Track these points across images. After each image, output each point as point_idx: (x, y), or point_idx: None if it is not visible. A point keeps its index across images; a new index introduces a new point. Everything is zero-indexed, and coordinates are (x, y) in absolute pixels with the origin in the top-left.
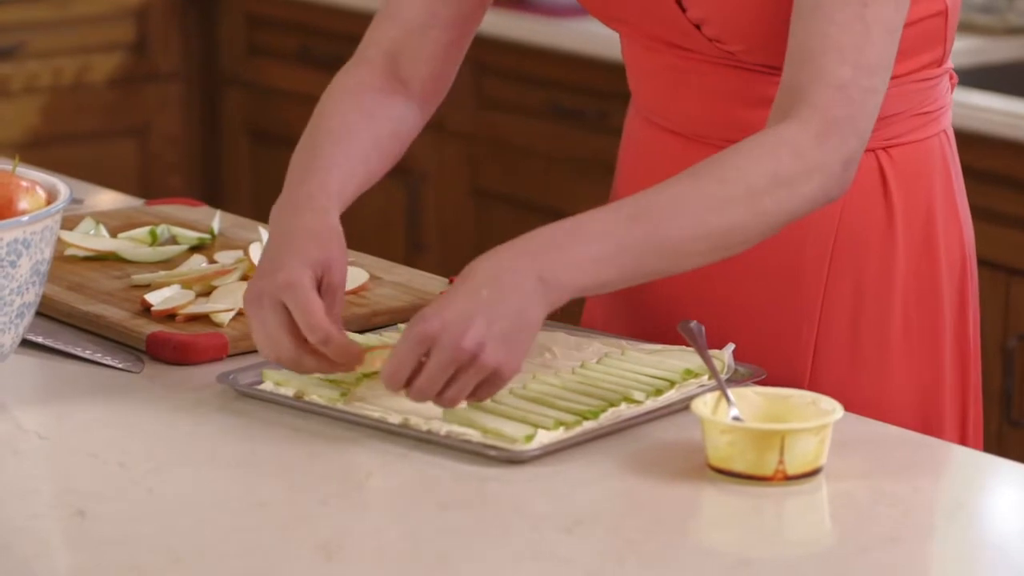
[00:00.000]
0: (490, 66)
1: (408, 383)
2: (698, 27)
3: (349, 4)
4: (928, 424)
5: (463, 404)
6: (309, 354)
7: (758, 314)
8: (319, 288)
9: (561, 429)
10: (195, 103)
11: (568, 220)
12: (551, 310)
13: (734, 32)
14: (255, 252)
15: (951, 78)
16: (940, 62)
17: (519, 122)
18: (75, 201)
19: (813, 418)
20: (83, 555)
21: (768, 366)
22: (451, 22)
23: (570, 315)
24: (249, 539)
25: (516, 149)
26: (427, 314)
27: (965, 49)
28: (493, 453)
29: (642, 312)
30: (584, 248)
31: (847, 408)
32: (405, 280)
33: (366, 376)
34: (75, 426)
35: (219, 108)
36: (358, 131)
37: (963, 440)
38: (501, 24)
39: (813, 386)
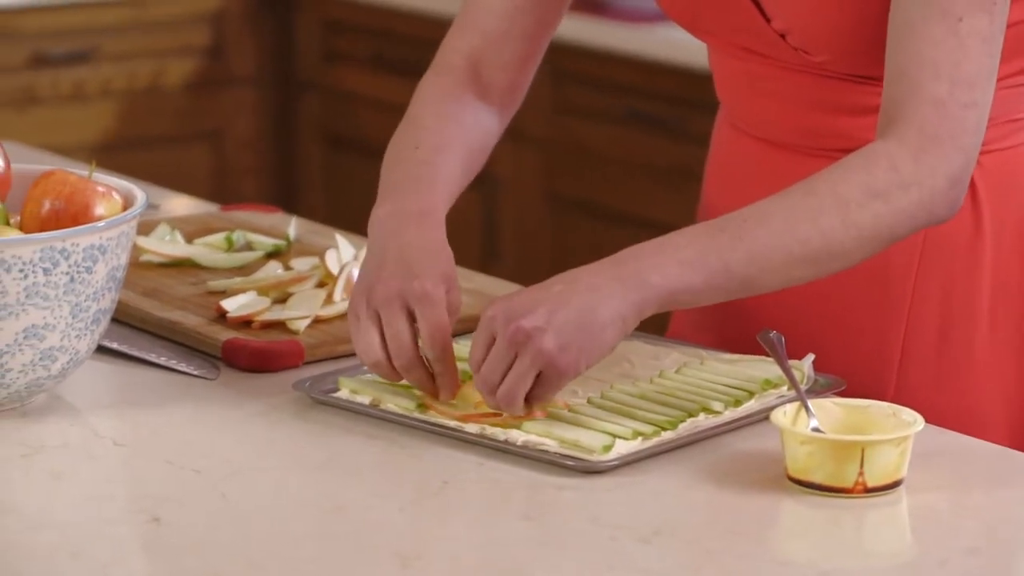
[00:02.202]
0: (568, 72)
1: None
2: (783, 36)
3: (424, 9)
4: (1016, 436)
5: (535, 415)
6: (418, 367)
7: (843, 324)
8: None
9: (639, 439)
10: (270, 108)
11: (653, 240)
12: (632, 314)
13: (818, 42)
14: (331, 259)
15: None
16: None
17: (596, 128)
18: (150, 206)
19: (893, 430)
20: (159, 561)
21: (853, 377)
22: (530, 30)
23: (655, 329)
24: (325, 546)
25: (593, 156)
26: (496, 300)
27: None
28: (570, 463)
29: (726, 323)
30: (669, 254)
31: (933, 419)
32: (480, 287)
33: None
34: (150, 432)
35: (294, 113)
36: (455, 144)
37: None
38: (579, 30)
39: (898, 397)
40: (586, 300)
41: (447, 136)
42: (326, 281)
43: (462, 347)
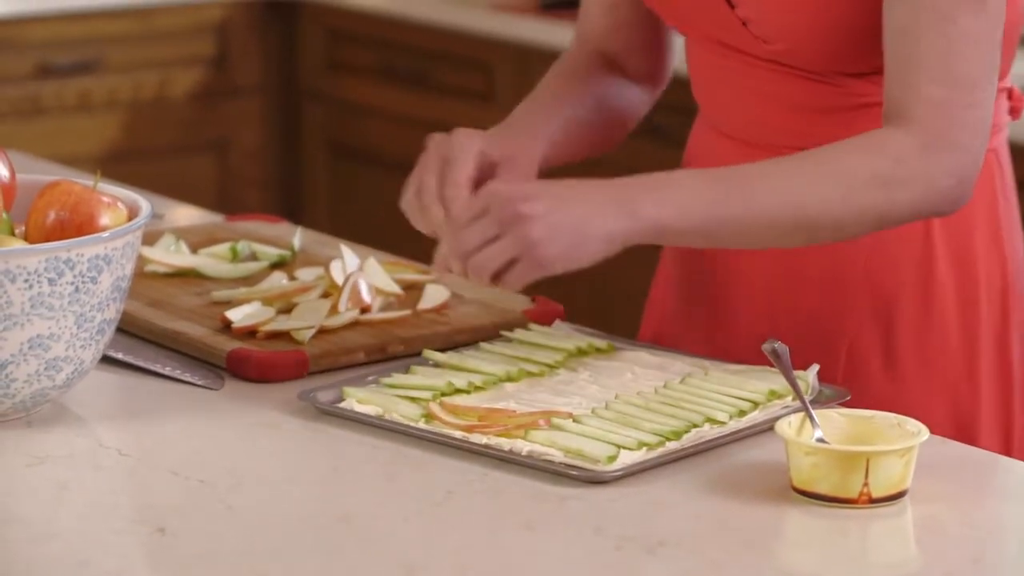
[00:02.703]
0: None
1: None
2: (745, 24)
3: (428, 20)
4: (960, 433)
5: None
6: (427, 212)
7: (796, 312)
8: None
9: (644, 449)
10: (275, 118)
11: (658, 173)
12: (620, 238)
13: (779, 31)
14: (336, 270)
15: (1011, 98)
16: None
17: None
18: (155, 216)
19: (898, 440)
20: (164, 572)
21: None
22: (634, 19)
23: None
24: (330, 556)
25: (603, 168)
26: (501, 181)
27: None
28: (575, 473)
29: (694, 314)
30: (668, 191)
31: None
32: (487, 298)
33: (444, 395)
34: (155, 443)
35: (299, 123)
36: (588, 100)
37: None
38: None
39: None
40: (583, 209)
41: (557, 94)
42: (331, 291)
43: (465, 358)
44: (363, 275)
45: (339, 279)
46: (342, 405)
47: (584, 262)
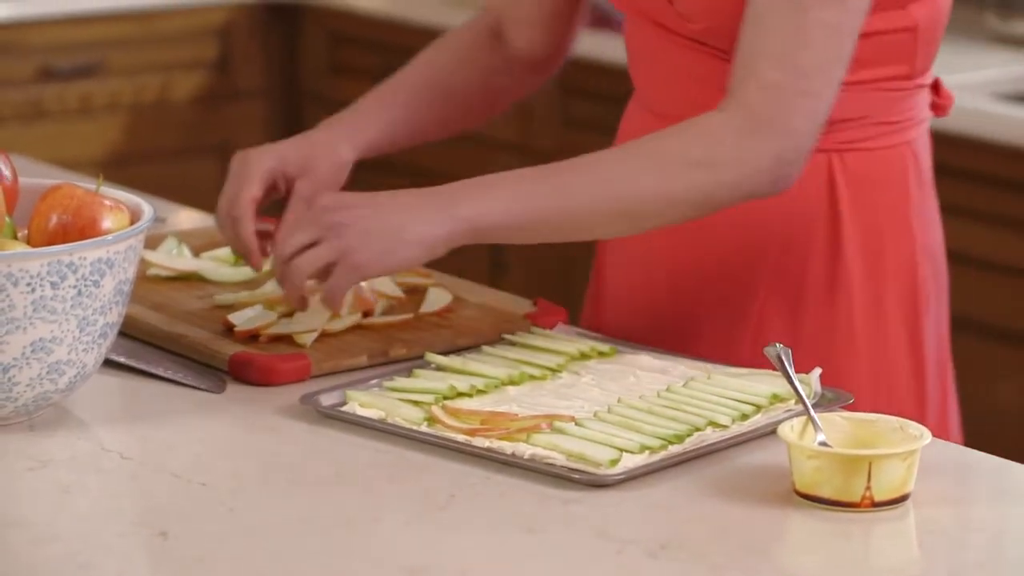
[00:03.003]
0: (575, 86)
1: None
2: (670, 2)
3: (429, 23)
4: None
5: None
6: (224, 227)
7: (703, 301)
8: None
9: (646, 453)
10: (277, 121)
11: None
12: (441, 241)
13: (701, 10)
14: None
15: (938, 95)
16: (910, 76)
17: (603, 142)
18: (157, 220)
19: (900, 443)
20: (165, 575)
21: (712, 351)
22: None
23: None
24: (332, 560)
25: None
26: (332, 193)
27: None
28: (577, 476)
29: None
30: (486, 191)
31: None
32: (489, 302)
33: (447, 398)
34: (157, 446)
35: (301, 126)
36: (433, 82)
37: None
38: (587, 45)
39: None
40: (399, 216)
41: (430, 66)
42: None
43: (468, 361)
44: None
45: None
46: (344, 408)
47: (402, 265)
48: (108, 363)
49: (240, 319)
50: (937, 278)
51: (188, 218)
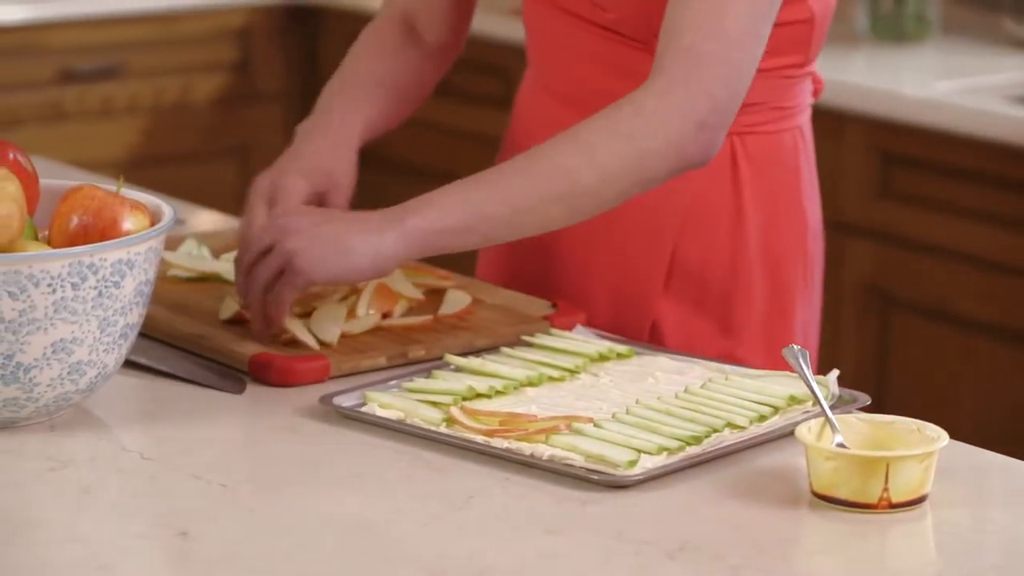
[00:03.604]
0: None
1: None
2: None
3: None
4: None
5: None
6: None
7: (610, 277)
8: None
9: (664, 454)
10: (296, 123)
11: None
12: (390, 251)
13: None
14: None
15: (816, 83)
16: (803, 64)
17: None
18: (177, 221)
19: (918, 445)
20: (187, 575)
21: (616, 328)
22: None
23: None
24: (351, 561)
25: None
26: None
27: None
28: (596, 478)
29: (518, 260)
30: (431, 201)
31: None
32: (508, 303)
33: (465, 399)
34: (177, 447)
35: None
36: (380, 78)
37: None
38: None
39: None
40: (347, 226)
41: (373, 74)
42: (350, 295)
43: (486, 363)
44: (388, 280)
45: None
46: (364, 409)
47: (350, 274)
48: (128, 364)
49: (227, 311)
50: (819, 256)
51: (208, 220)
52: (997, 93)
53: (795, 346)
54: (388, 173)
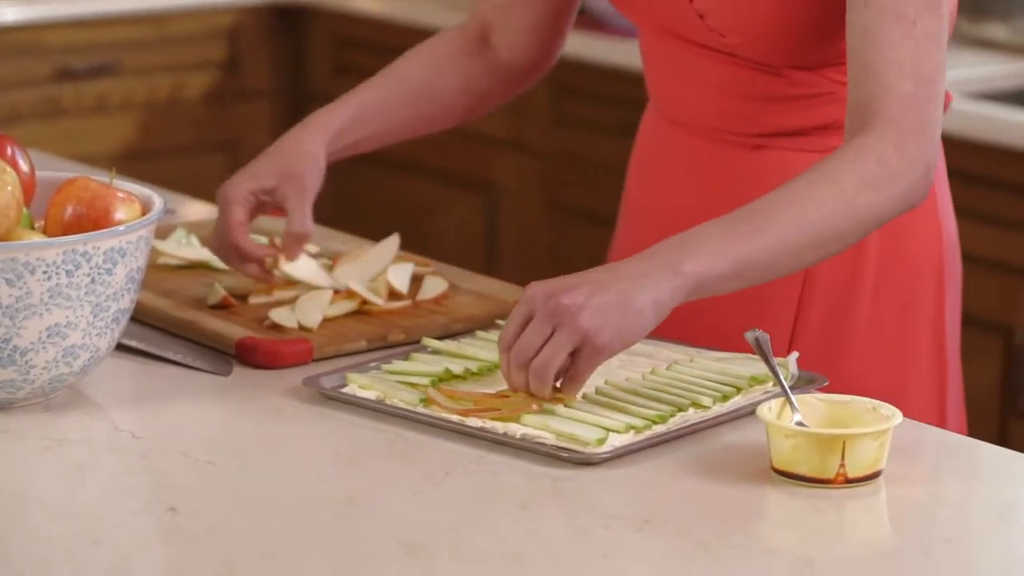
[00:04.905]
0: (567, 86)
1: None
2: (702, 17)
3: (434, 25)
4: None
5: (561, 400)
6: (225, 255)
7: (740, 305)
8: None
9: (631, 433)
10: (283, 120)
11: (676, 235)
12: (667, 299)
13: (734, 25)
14: (392, 276)
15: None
16: None
17: (594, 140)
18: (168, 211)
19: (873, 423)
20: (176, 550)
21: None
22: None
23: None
24: (334, 535)
25: (591, 166)
26: (536, 282)
27: None
28: (566, 455)
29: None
30: (696, 245)
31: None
32: (483, 289)
33: (442, 380)
34: (167, 427)
35: None
36: (408, 77)
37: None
38: (578, 46)
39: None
40: (624, 285)
41: (407, 69)
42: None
43: (462, 345)
44: (392, 271)
45: (394, 279)
46: (345, 390)
47: (641, 334)
48: (120, 347)
49: (214, 296)
50: (957, 272)
51: (197, 210)
52: (953, 90)
53: (756, 330)
54: (374, 165)
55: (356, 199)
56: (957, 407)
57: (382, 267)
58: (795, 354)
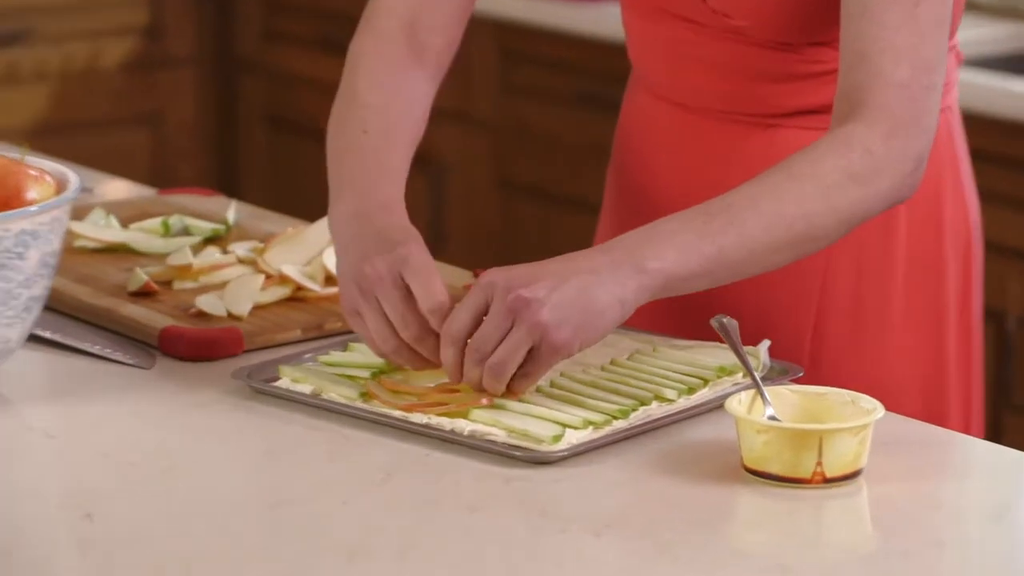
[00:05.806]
0: (517, 52)
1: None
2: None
3: None
4: (930, 408)
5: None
6: (429, 336)
7: (760, 292)
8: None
9: (590, 429)
10: (210, 89)
11: (643, 227)
12: (631, 299)
13: (740, 7)
14: (329, 260)
15: (957, 56)
16: (950, 36)
17: (545, 110)
18: (85, 190)
19: (852, 417)
20: (91, 559)
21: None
22: None
23: None
24: (266, 541)
25: (542, 138)
26: (492, 269)
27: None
28: (519, 454)
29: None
30: (664, 240)
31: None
32: None
33: (383, 373)
34: (84, 424)
35: (235, 95)
36: (401, 125)
37: (967, 426)
38: (528, 9)
39: (813, 365)
40: (585, 281)
41: (393, 117)
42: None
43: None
44: (329, 254)
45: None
46: (277, 384)
47: (601, 334)
48: (33, 338)
49: (135, 282)
50: (979, 256)
51: (116, 188)
52: None
53: (724, 316)
54: (308, 138)
55: (293, 178)
56: (978, 405)
57: (318, 250)
58: (766, 342)
